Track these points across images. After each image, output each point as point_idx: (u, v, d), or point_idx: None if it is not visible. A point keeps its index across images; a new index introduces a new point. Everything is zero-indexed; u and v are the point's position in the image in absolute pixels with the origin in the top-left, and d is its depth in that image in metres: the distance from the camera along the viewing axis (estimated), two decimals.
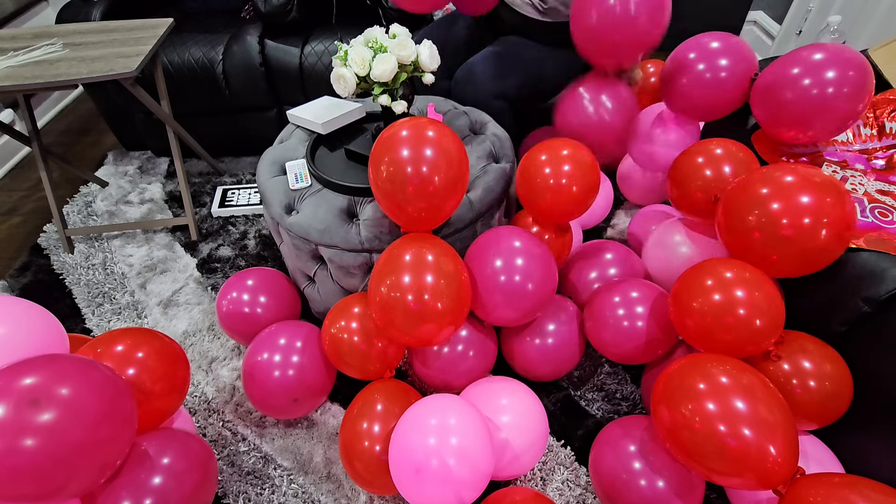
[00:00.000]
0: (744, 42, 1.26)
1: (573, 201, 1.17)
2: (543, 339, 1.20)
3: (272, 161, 1.35)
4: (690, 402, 0.83)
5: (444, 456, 0.90)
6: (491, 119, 1.48)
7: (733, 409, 0.79)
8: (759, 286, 0.92)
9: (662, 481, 0.93)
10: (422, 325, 0.98)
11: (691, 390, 0.84)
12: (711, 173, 1.14)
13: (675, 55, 1.31)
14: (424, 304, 0.96)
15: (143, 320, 1.54)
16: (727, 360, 0.88)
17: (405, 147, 0.97)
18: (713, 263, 0.99)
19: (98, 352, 0.92)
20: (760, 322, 0.91)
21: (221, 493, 1.15)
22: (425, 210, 1.01)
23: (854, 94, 1.02)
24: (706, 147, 1.18)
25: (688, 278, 1.00)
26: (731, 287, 0.93)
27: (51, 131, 2.42)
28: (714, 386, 0.82)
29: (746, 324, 0.91)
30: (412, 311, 0.97)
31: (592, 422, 1.25)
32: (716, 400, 0.81)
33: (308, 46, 1.87)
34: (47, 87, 1.36)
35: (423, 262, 0.99)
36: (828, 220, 0.88)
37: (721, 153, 1.15)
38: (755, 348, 0.94)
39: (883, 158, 1.18)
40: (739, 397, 0.80)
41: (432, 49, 1.15)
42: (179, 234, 1.80)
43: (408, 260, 0.99)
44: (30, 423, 0.68)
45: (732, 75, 1.22)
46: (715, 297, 0.93)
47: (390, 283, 0.98)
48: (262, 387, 1.15)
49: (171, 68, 1.85)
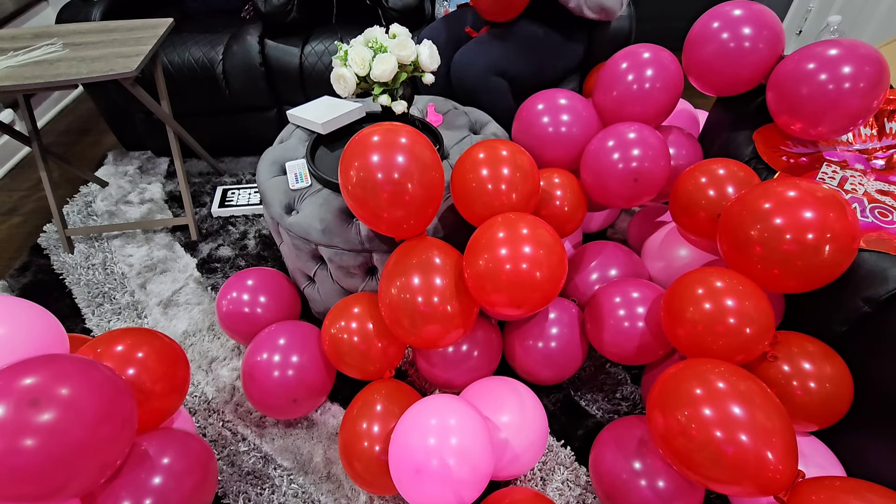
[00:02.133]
0: (774, 17, 1.19)
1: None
2: (546, 343, 1.20)
3: (272, 161, 1.35)
4: (686, 408, 0.81)
5: (444, 456, 0.90)
6: (491, 119, 1.48)
7: (730, 415, 0.78)
8: (748, 294, 0.92)
9: (663, 482, 0.93)
10: (428, 327, 0.99)
11: (687, 395, 0.82)
12: (714, 193, 1.09)
13: (699, 25, 1.25)
14: (434, 307, 0.97)
15: (143, 320, 1.54)
16: (723, 364, 0.86)
17: (375, 152, 0.94)
18: (702, 273, 0.98)
19: (98, 352, 0.92)
20: (751, 330, 0.91)
21: (221, 493, 1.15)
22: (403, 219, 0.99)
23: (869, 90, 1.01)
24: (708, 167, 1.14)
25: (678, 287, 1.00)
26: (721, 296, 0.92)
27: (51, 131, 2.42)
28: (710, 391, 0.81)
29: (737, 332, 0.91)
30: (421, 314, 0.97)
31: (592, 422, 1.25)
32: (712, 405, 0.79)
33: (308, 46, 1.87)
34: (47, 87, 1.36)
35: (431, 265, 1.00)
36: (831, 235, 0.86)
37: (724, 173, 1.11)
38: (746, 356, 0.93)
39: (883, 158, 1.18)
40: (736, 403, 0.78)
41: (432, 49, 1.15)
42: (179, 234, 1.80)
43: (416, 263, 1.00)
44: (30, 423, 0.68)
45: (757, 49, 1.16)
46: (705, 306, 0.93)
47: (400, 285, 0.99)
48: (262, 387, 1.15)
49: (171, 68, 1.85)
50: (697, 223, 1.14)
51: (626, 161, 1.16)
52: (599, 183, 1.22)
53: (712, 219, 1.10)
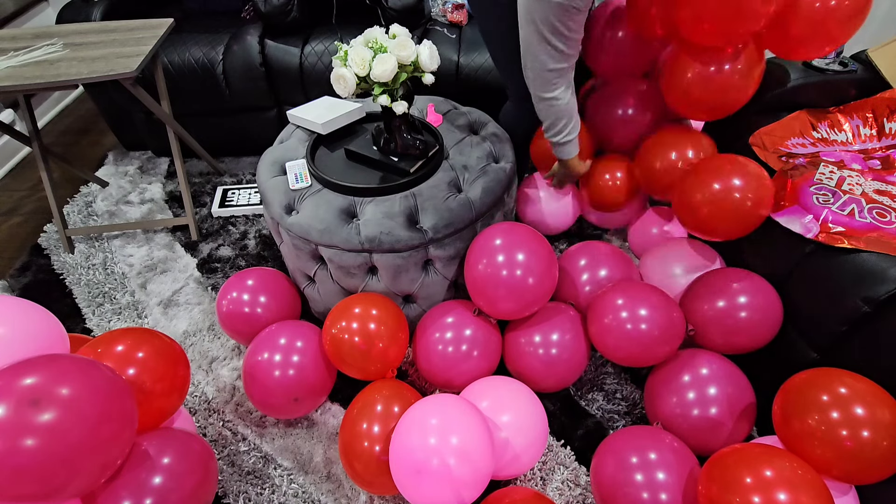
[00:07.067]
0: None
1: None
2: (547, 349, 1.19)
3: (272, 161, 1.35)
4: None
5: (444, 456, 0.90)
6: (490, 119, 1.48)
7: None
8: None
9: (665, 494, 0.92)
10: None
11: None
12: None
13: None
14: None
15: (143, 320, 1.54)
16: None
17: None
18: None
19: (98, 352, 0.92)
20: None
21: (221, 492, 1.16)
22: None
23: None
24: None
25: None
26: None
27: (51, 131, 2.42)
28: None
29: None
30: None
31: (592, 422, 1.25)
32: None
33: (308, 46, 1.87)
34: (47, 87, 1.36)
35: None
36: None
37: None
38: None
39: (880, 158, 1.18)
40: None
41: (432, 49, 1.15)
42: (180, 234, 1.81)
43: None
44: (30, 423, 0.68)
45: None
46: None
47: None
48: (263, 386, 1.15)
49: (171, 68, 1.85)
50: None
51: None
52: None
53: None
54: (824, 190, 1.09)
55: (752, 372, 1.13)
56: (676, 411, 1.09)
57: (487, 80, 1.81)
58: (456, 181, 1.27)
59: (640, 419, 1.25)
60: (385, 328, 1.14)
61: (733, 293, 1.12)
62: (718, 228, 1.17)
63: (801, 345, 1.08)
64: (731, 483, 0.82)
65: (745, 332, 1.11)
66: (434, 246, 1.21)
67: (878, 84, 1.26)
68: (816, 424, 0.85)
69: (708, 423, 1.06)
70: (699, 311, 1.16)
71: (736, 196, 1.11)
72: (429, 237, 1.18)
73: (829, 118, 1.26)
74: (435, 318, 1.24)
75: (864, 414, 0.82)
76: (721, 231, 1.17)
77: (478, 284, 1.17)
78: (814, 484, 0.80)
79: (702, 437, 1.07)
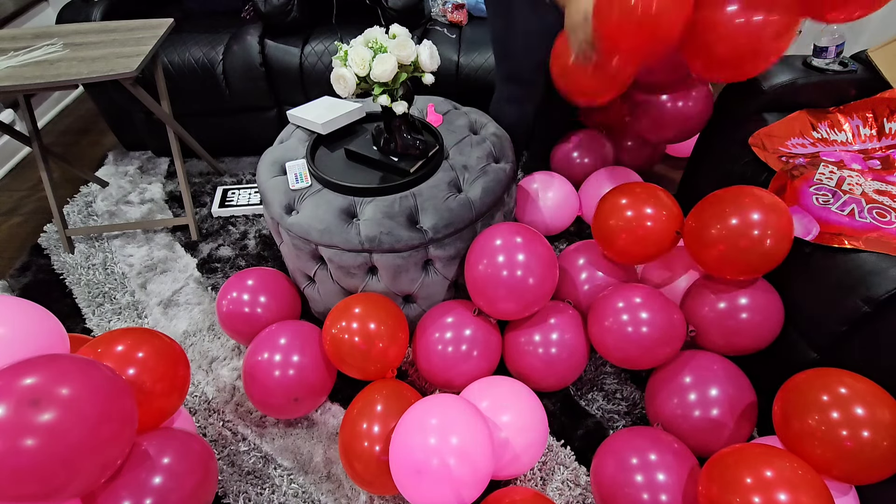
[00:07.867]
0: None
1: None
2: (547, 349, 1.19)
3: (272, 161, 1.35)
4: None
5: (444, 456, 0.90)
6: (490, 119, 1.48)
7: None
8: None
9: (665, 495, 0.92)
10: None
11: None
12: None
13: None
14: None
15: (143, 320, 1.54)
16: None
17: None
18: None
19: (98, 352, 0.92)
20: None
21: (221, 492, 1.16)
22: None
23: None
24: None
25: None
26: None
27: (51, 131, 2.42)
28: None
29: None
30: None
31: (592, 422, 1.25)
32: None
33: (308, 46, 1.87)
34: (47, 87, 1.36)
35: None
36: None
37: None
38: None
39: (880, 158, 1.18)
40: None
41: (432, 49, 1.15)
42: (180, 234, 1.81)
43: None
44: (30, 423, 0.68)
45: None
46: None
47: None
48: (263, 386, 1.15)
49: (171, 68, 1.85)
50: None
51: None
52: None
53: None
54: (824, 190, 1.09)
55: (752, 372, 1.13)
56: (677, 412, 1.09)
57: (487, 80, 1.81)
58: (456, 181, 1.27)
59: (641, 419, 1.25)
60: (385, 328, 1.14)
61: (734, 294, 1.12)
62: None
63: (802, 345, 1.08)
64: (732, 483, 0.82)
65: (746, 334, 1.11)
66: (434, 246, 1.21)
67: (878, 84, 1.26)
68: (816, 424, 0.85)
69: (709, 425, 1.06)
70: (700, 312, 1.16)
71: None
72: (429, 237, 1.18)
73: (829, 118, 1.26)
74: (435, 318, 1.24)
75: (864, 414, 0.82)
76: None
77: (478, 284, 1.17)
78: (814, 484, 0.80)
79: (703, 438, 1.07)
